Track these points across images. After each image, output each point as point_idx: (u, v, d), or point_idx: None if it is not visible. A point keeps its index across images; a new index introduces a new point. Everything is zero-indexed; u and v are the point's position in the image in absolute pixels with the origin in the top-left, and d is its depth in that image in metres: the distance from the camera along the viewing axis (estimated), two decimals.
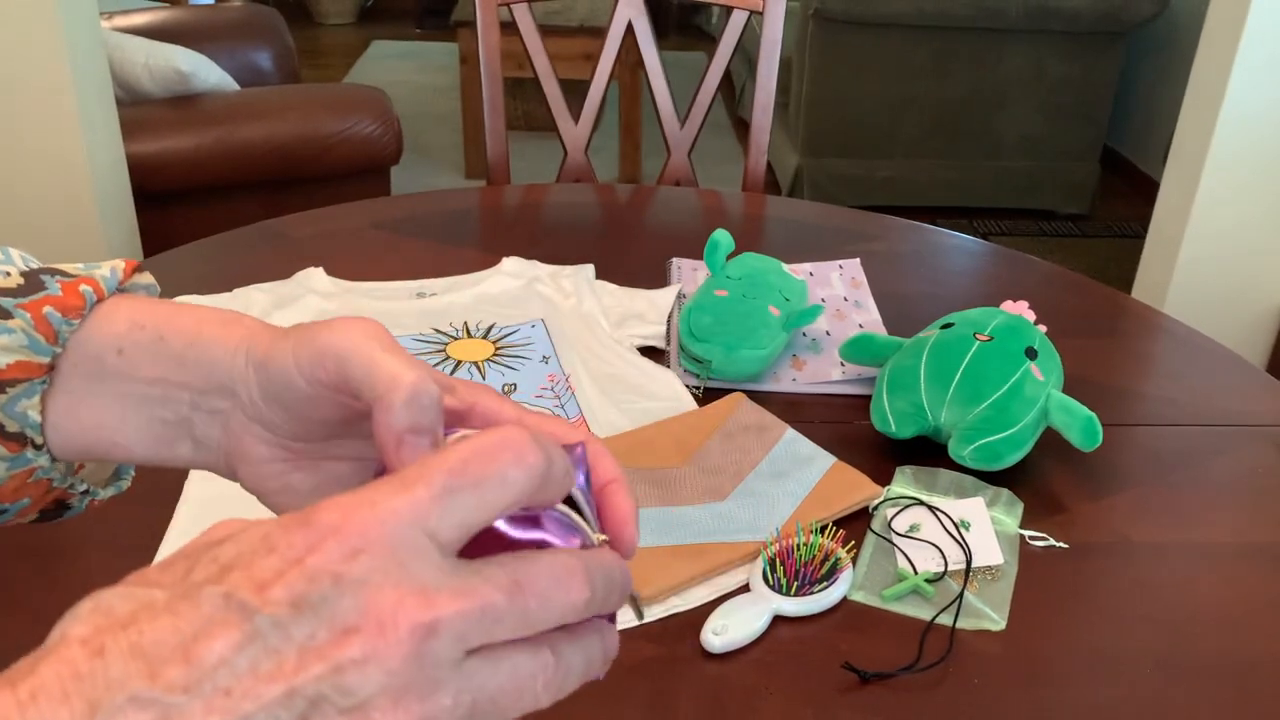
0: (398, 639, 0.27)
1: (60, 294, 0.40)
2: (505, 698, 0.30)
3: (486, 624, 0.29)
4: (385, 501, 0.28)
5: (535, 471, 0.30)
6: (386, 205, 1.34)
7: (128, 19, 2.58)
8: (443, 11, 5.23)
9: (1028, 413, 0.84)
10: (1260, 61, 1.95)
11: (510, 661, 0.30)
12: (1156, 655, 0.69)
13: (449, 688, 0.28)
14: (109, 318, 0.41)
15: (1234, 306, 2.17)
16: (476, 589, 0.28)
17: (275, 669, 0.26)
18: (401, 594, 0.27)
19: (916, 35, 3.17)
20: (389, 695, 0.27)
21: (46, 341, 0.39)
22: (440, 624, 0.28)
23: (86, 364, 0.40)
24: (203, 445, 0.41)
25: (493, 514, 0.30)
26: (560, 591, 0.30)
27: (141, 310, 0.41)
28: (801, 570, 0.71)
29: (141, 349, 0.40)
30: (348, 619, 0.27)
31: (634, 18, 1.52)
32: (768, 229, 1.34)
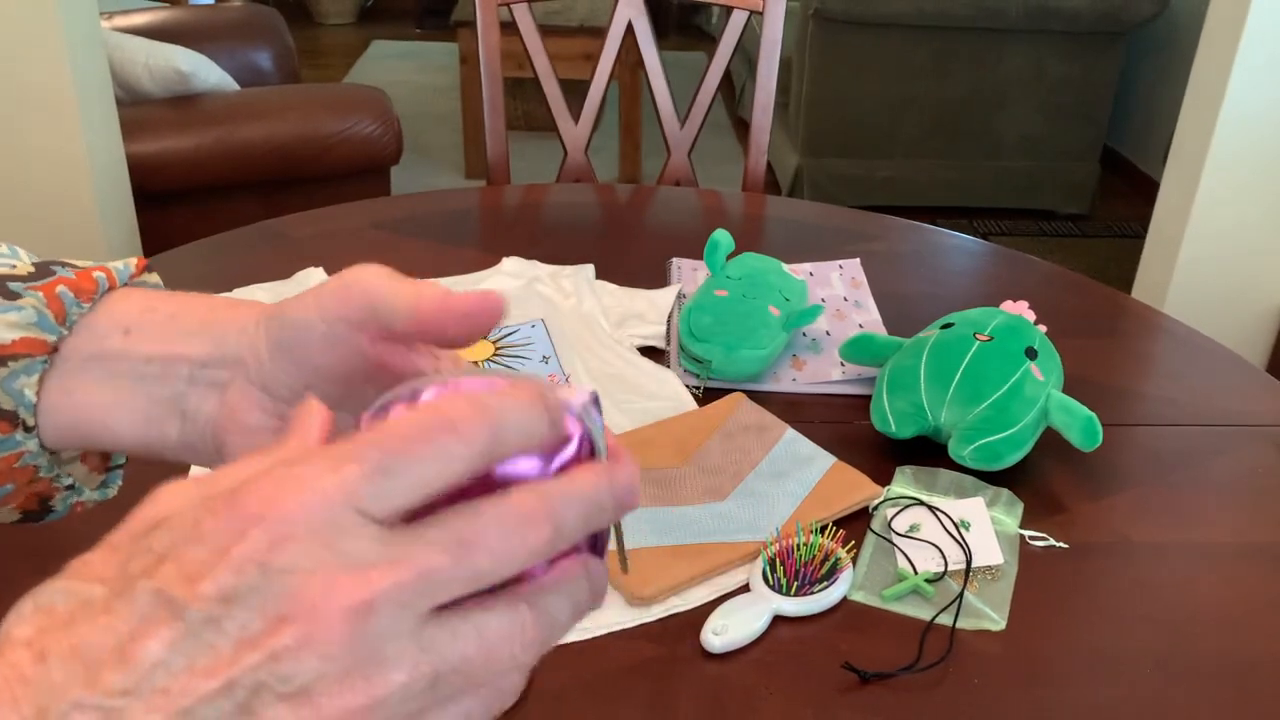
0: (330, 623, 0.26)
1: (74, 277, 0.40)
2: (474, 664, 0.29)
3: (432, 589, 0.28)
4: (314, 482, 0.27)
5: (477, 446, 0.29)
6: (386, 205, 1.34)
7: (127, 19, 2.58)
8: (443, 11, 5.23)
9: (1028, 413, 0.84)
10: (1260, 61, 1.95)
11: (474, 625, 0.29)
12: (1156, 655, 0.69)
13: (403, 662, 0.27)
14: (121, 302, 0.41)
15: (1234, 306, 2.17)
16: (415, 556, 0.27)
17: (212, 663, 0.26)
18: (332, 576, 0.27)
19: (917, 35, 3.17)
20: (331, 679, 0.27)
21: (55, 321, 0.40)
22: (376, 600, 0.27)
23: (89, 345, 0.41)
24: (190, 421, 0.41)
25: (433, 490, 0.28)
26: (514, 541, 0.29)
27: (155, 297, 0.42)
28: (801, 570, 0.71)
29: (150, 328, 0.41)
30: (279, 607, 0.26)
31: (634, 17, 1.52)
32: (768, 229, 1.34)
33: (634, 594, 0.70)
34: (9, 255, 0.43)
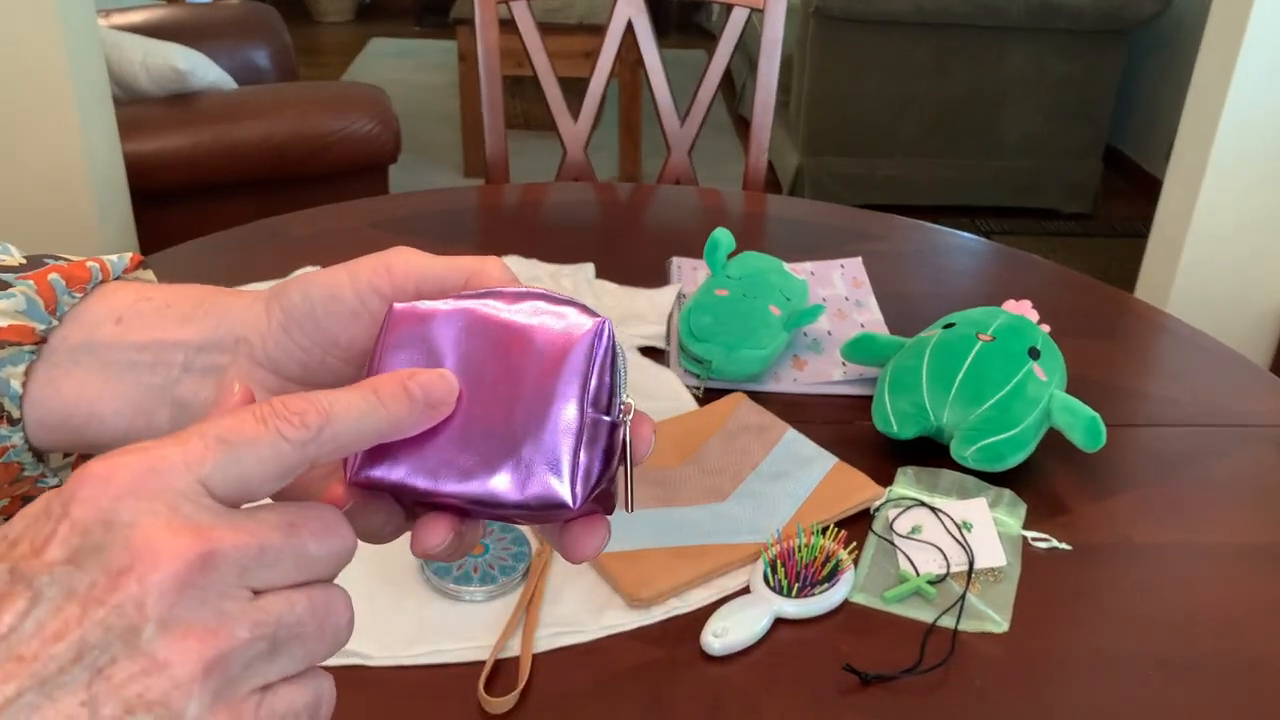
0: (173, 570, 0.27)
1: (66, 266, 0.40)
2: (307, 630, 0.30)
3: (267, 560, 0.29)
4: (155, 449, 0.28)
5: (307, 433, 0.30)
6: (385, 204, 1.33)
7: (125, 17, 2.58)
8: (441, 9, 5.23)
9: (1030, 413, 0.83)
10: (1263, 60, 1.95)
11: (304, 594, 0.30)
12: (1159, 656, 0.69)
13: (244, 620, 0.28)
14: (114, 293, 0.41)
15: (1237, 306, 2.17)
16: (252, 527, 0.29)
17: (62, 625, 0.26)
18: (175, 529, 0.27)
19: (918, 33, 3.16)
20: (175, 630, 0.27)
21: (46, 309, 0.39)
22: (217, 555, 0.28)
23: (78, 334, 0.40)
24: (184, 409, 0.40)
25: (268, 473, 0.30)
26: (331, 536, 0.31)
27: (149, 287, 0.41)
28: (802, 572, 0.70)
29: (143, 316, 0.40)
30: (121, 560, 0.27)
31: (634, 15, 1.51)
32: (768, 228, 1.33)
33: (634, 596, 0.70)
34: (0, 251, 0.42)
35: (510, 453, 0.33)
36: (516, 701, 0.63)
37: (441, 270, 0.37)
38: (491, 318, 0.34)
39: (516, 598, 0.70)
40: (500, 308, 0.35)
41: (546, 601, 0.70)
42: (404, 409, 0.32)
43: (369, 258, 0.38)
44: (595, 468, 0.34)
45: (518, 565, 0.72)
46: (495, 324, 0.34)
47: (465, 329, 0.34)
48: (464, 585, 0.70)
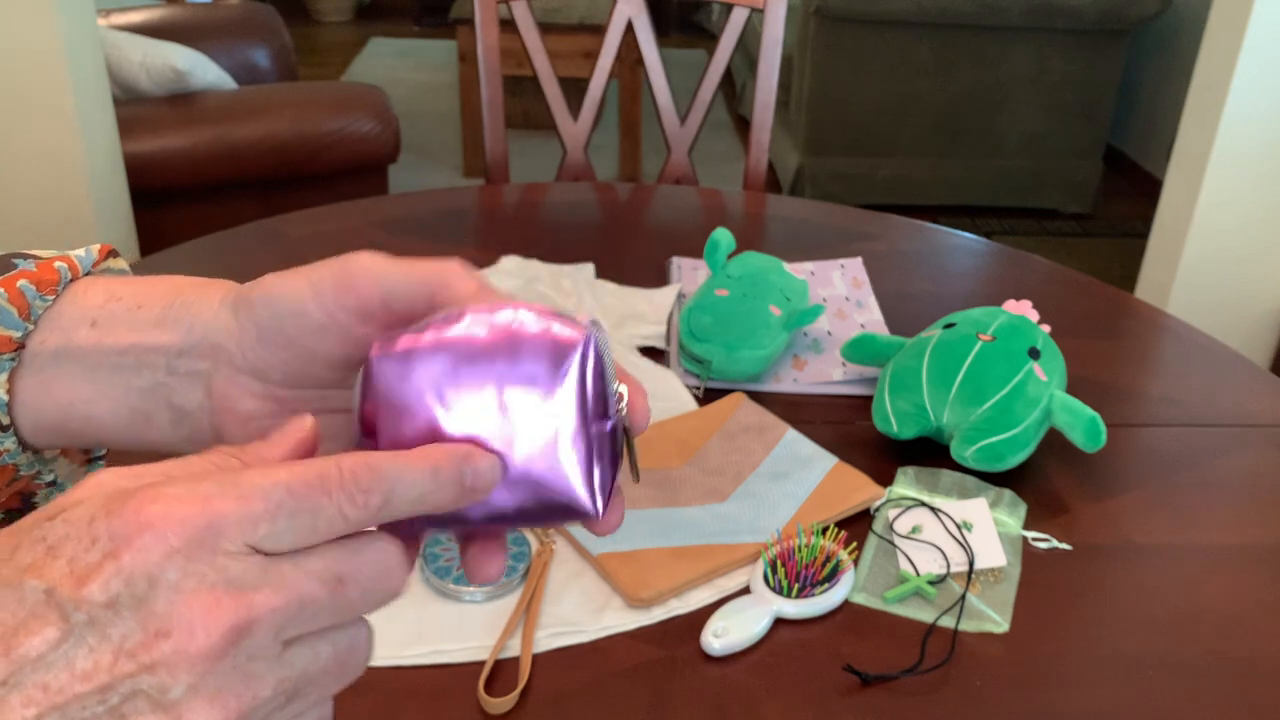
0: (208, 643, 0.27)
1: (35, 270, 0.39)
2: (328, 675, 0.30)
3: (305, 616, 0.29)
4: (217, 501, 0.28)
5: (367, 513, 0.30)
6: (384, 204, 1.33)
7: (125, 17, 2.58)
8: (441, 9, 5.23)
9: (1030, 413, 0.83)
10: (1263, 59, 1.95)
11: (329, 642, 0.30)
12: (1159, 656, 0.69)
13: (268, 679, 0.29)
14: (84, 293, 0.40)
15: (1237, 306, 2.17)
16: (295, 584, 0.29)
17: (91, 667, 0.27)
18: (216, 596, 0.28)
19: (918, 33, 3.16)
20: (203, 694, 0.28)
21: (19, 315, 0.39)
22: (255, 623, 0.28)
23: (56, 339, 0.40)
24: (183, 414, 0.40)
25: (319, 540, 0.30)
26: (384, 583, 0.31)
27: (118, 284, 0.41)
28: (803, 572, 0.70)
29: (116, 319, 0.39)
30: (160, 622, 0.27)
31: (634, 15, 1.51)
32: (769, 228, 1.33)
33: (634, 596, 0.70)
34: None
35: (526, 479, 0.34)
36: (516, 702, 0.63)
37: (404, 282, 0.36)
38: (477, 347, 0.34)
39: (516, 598, 0.70)
40: (482, 334, 0.34)
41: (546, 602, 0.70)
42: (454, 493, 0.32)
43: (329, 266, 0.37)
44: (607, 473, 0.34)
45: (518, 566, 0.72)
46: (482, 354, 0.34)
47: (453, 366, 0.34)
48: (464, 585, 0.70)
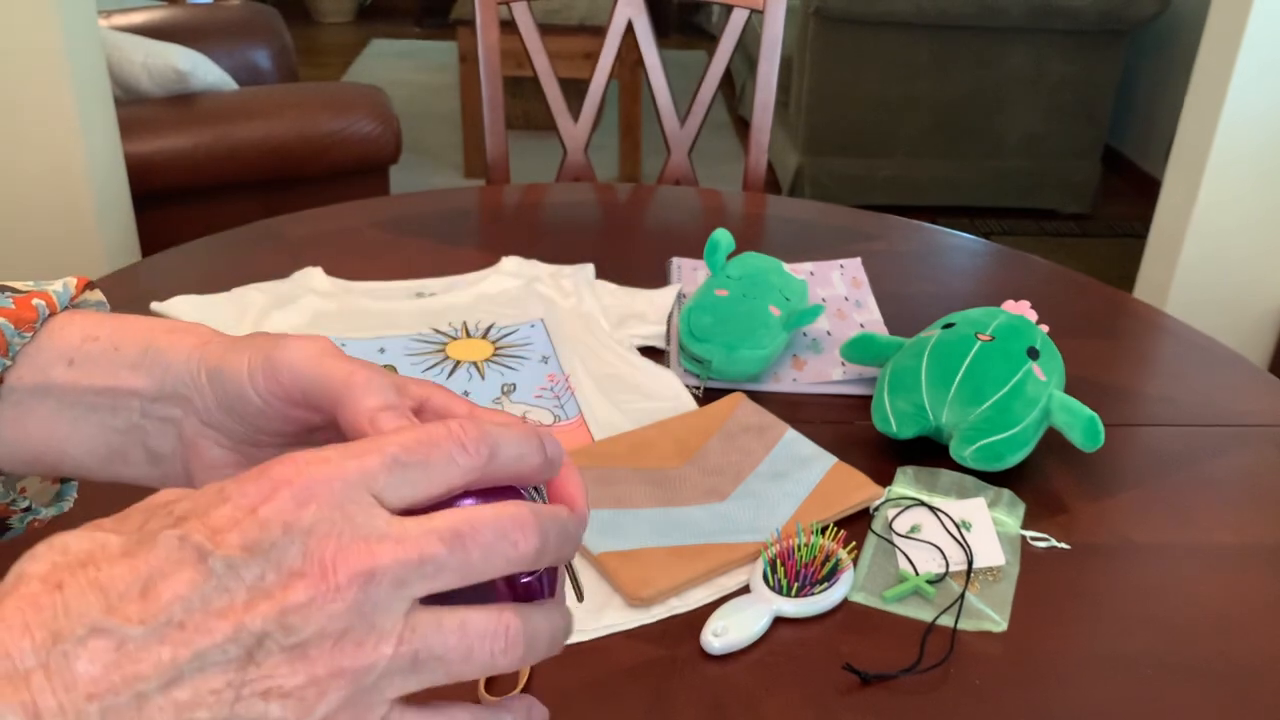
0: (338, 584, 0.29)
1: (13, 307, 0.41)
2: (453, 654, 0.31)
3: (427, 572, 0.30)
4: (338, 461, 0.30)
5: (479, 460, 0.32)
6: (385, 205, 1.33)
7: (126, 18, 2.58)
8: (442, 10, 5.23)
9: (1029, 413, 0.83)
10: (1262, 61, 1.95)
11: (459, 618, 0.31)
12: (1158, 656, 0.69)
13: (390, 636, 0.29)
14: (61, 331, 0.42)
15: (1236, 306, 2.17)
16: (417, 539, 0.30)
17: (226, 607, 0.28)
18: (344, 543, 0.29)
19: (917, 34, 3.16)
20: (329, 638, 0.28)
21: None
22: (379, 571, 0.29)
23: (33, 376, 0.41)
24: (157, 456, 0.41)
25: (435, 491, 0.32)
26: (505, 543, 0.31)
27: (95, 323, 0.42)
28: (802, 571, 0.71)
29: (93, 360, 0.41)
30: (294, 564, 0.29)
31: (634, 16, 1.51)
32: (768, 228, 1.33)
33: (634, 595, 0.70)
34: None
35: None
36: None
37: (317, 385, 0.37)
38: None
39: None
40: None
41: None
42: (540, 459, 0.34)
43: (264, 351, 0.38)
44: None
45: None
46: None
47: None
48: None
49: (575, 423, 0.89)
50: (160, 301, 0.99)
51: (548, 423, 0.89)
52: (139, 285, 1.09)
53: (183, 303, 1.00)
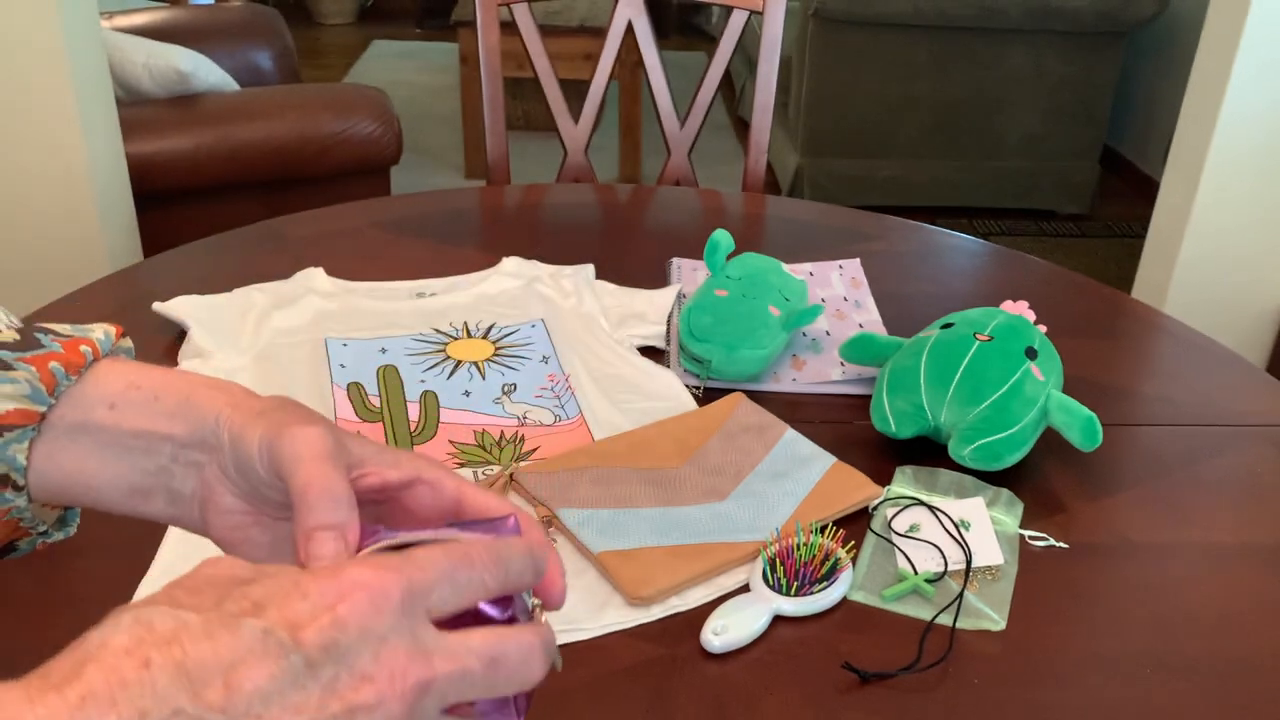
0: (402, 691, 0.32)
1: (63, 351, 0.44)
2: None
3: (464, 687, 0.34)
4: (406, 572, 0.33)
5: (498, 580, 0.36)
6: (386, 205, 1.34)
7: (127, 19, 2.58)
8: (443, 11, 5.23)
9: (1028, 413, 0.84)
10: (1260, 62, 1.95)
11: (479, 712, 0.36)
12: (1156, 655, 0.69)
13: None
14: (105, 376, 0.45)
15: (1234, 306, 2.17)
16: (462, 656, 0.34)
17: (301, 702, 0.30)
18: (411, 653, 0.32)
19: (916, 35, 3.16)
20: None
21: (46, 392, 0.44)
22: (433, 682, 0.33)
23: (74, 415, 0.44)
24: (177, 497, 0.45)
25: (465, 606, 0.36)
26: (525, 668, 0.35)
27: (138, 373, 0.46)
28: (801, 570, 0.71)
29: (134, 405, 0.44)
30: (365, 668, 0.31)
31: (634, 17, 1.52)
32: (768, 229, 1.34)
33: (634, 594, 0.70)
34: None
35: None
36: None
37: (288, 481, 0.40)
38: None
39: None
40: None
41: None
42: (534, 573, 0.38)
43: (274, 424, 0.41)
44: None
45: None
46: None
47: None
48: None
49: (575, 422, 0.90)
50: (162, 302, 1.00)
51: (548, 422, 0.89)
52: (141, 285, 1.09)
53: (184, 303, 1.00)
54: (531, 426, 0.89)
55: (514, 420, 0.90)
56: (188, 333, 0.96)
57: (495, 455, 0.85)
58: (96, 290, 1.08)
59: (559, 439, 0.87)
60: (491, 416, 0.90)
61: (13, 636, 0.66)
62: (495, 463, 0.84)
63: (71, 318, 1.02)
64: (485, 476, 0.82)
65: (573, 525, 0.76)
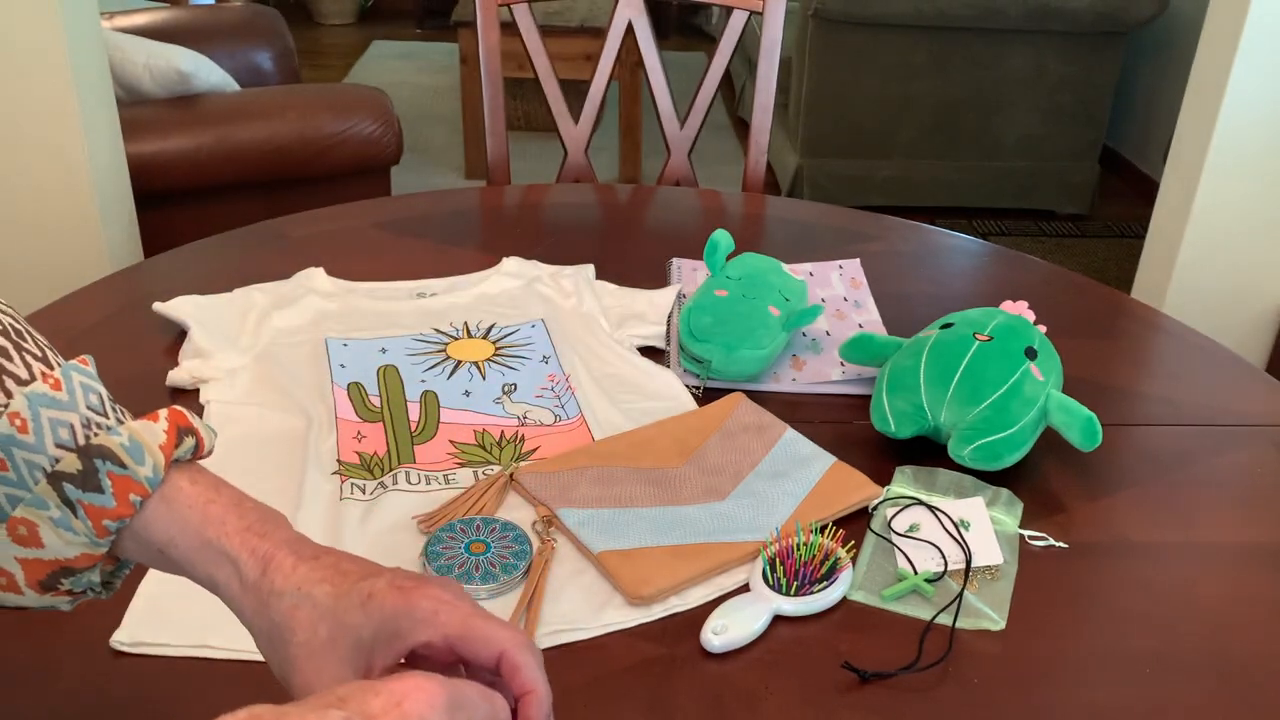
0: None
1: (114, 505, 0.48)
2: None
3: None
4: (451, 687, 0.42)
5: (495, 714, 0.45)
6: (387, 205, 1.34)
7: (128, 19, 2.58)
8: (443, 12, 5.23)
9: (1027, 413, 0.84)
10: (1260, 62, 1.96)
11: None
12: (1156, 655, 0.69)
13: None
14: (152, 524, 0.50)
15: (1233, 306, 2.17)
16: None
17: None
18: None
19: (916, 35, 3.17)
20: None
21: (101, 537, 0.49)
22: None
23: (135, 548, 0.51)
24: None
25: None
26: None
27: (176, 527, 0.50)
28: (801, 570, 0.71)
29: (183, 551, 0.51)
30: None
31: (634, 18, 1.52)
32: (767, 229, 1.34)
33: (634, 594, 0.70)
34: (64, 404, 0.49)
35: None
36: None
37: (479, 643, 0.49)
38: None
39: (517, 596, 0.71)
40: None
41: (547, 599, 0.71)
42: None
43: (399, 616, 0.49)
44: None
45: (519, 563, 0.73)
46: None
47: None
48: (466, 583, 0.70)
49: (575, 422, 0.90)
50: (162, 302, 1.00)
51: (548, 422, 0.90)
52: (141, 286, 1.09)
53: (184, 303, 1.00)
54: (532, 426, 0.89)
55: (514, 420, 0.90)
56: (188, 333, 0.96)
57: (495, 455, 0.85)
58: (96, 290, 1.08)
59: (559, 439, 0.87)
60: (492, 416, 0.90)
61: (13, 638, 0.66)
62: (495, 463, 0.84)
63: (72, 316, 1.03)
64: (485, 476, 0.82)
65: (573, 525, 0.76)
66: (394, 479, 0.81)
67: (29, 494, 0.48)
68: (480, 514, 0.77)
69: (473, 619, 0.49)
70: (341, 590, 0.49)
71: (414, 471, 0.82)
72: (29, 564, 0.48)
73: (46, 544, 0.48)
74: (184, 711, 0.62)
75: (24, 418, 0.47)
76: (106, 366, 0.94)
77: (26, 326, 0.52)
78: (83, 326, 1.01)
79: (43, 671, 0.63)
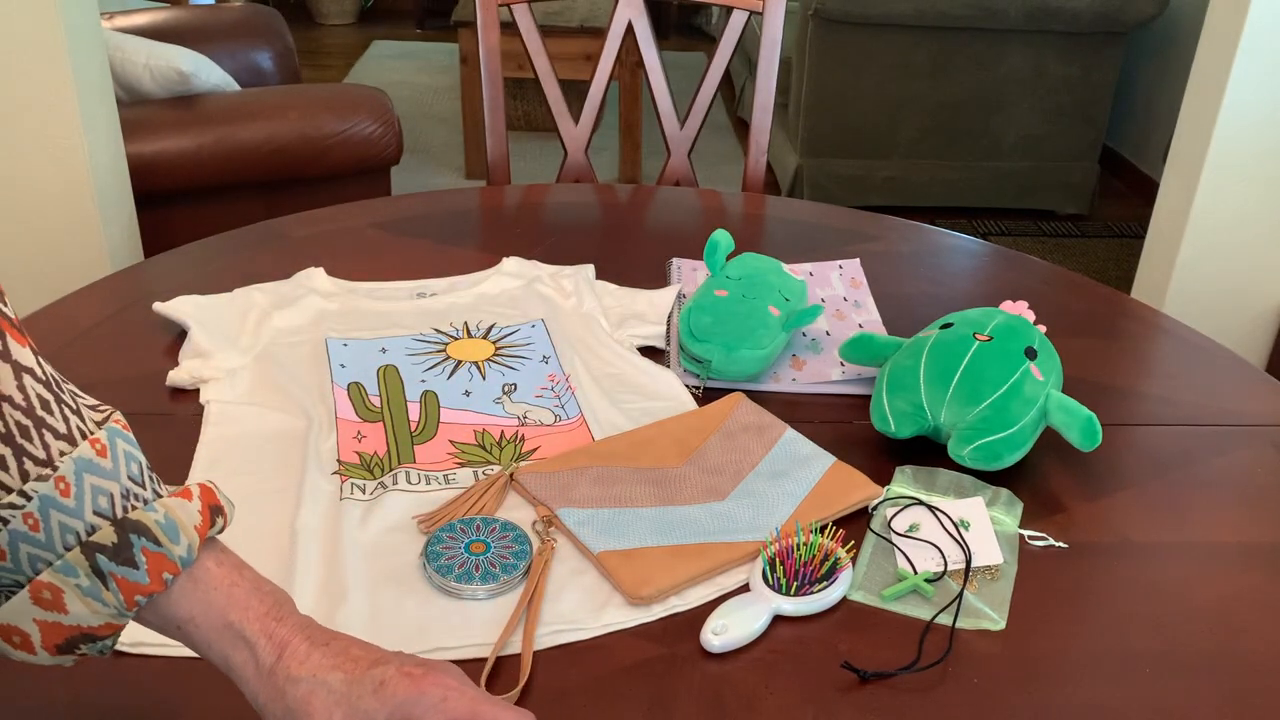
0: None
1: (147, 582, 0.50)
2: None
3: None
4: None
5: None
6: (387, 205, 1.34)
7: (128, 19, 2.58)
8: (443, 12, 5.24)
9: (1027, 413, 0.84)
10: (1260, 62, 1.96)
11: None
12: (1155, 655, 0.69)
13: None
14: (177, 601, 0.52)
15: (1233, 306, 2.17)
16: None
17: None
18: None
19: (916, 35, 3.17)
20: None
21: (130, 609, 0.51)
22: None
23: (155, 618, 0.52)
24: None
25: None
26: None
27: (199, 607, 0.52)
28: (801, 570, 0.71)
29: (203, 631, 0.53)
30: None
31: (634, 18, 1.52)
32: (767, 229, 1.34)
33: (634, 594, 0.70)
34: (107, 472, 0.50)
35: None
36: (518, 698, 0.63)
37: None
38: None
39: (517, 596, 0.71)
40: None
41: (547, 599, 0.71)
42: None
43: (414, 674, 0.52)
44: None
45: (519, 563, 0.73)
46: None
47: None
48: (465, 583, 0.70)
49: (575, 422, 0.90)
50: (162, 302, 1.00)
51: (548, 422, 0.90)
52: (142, 286, 1.09)
53: (184, 303, 1.00)
54: (532, 426, 0.89)
55: (514, 420, 0.90)
56: (188, 333, 0.96)
57: (495, 455, 0.85)
58: (96, 290, 1.08)
59: (559, 439, 0.87)
60: (492, 416, 0.90)
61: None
62: (495, 463, 0.84)
63: (72, 316, 1.02)
64: (485, 476, 0.82)
65: (573, 525, 0.76)
66: (394, 479, 0.81)
67: (57, 559, 0.48)
68: (480, 514, 0.77)
69: (480, 704, 0.51)
70: (354, 677, 0.51)
71: (414, 471, 0.82)
72: (48, 627, 0.49)
73: (71, 611, 0.49)
74: (184, 712, 0.62)
75: (68, 481, 0.48)
76: (106, 366, 0.95)
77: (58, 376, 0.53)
78: (83, 326, 1.01)
79: (43, 671, 0.64)
